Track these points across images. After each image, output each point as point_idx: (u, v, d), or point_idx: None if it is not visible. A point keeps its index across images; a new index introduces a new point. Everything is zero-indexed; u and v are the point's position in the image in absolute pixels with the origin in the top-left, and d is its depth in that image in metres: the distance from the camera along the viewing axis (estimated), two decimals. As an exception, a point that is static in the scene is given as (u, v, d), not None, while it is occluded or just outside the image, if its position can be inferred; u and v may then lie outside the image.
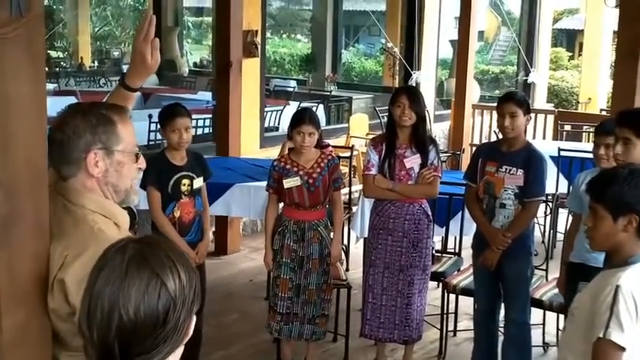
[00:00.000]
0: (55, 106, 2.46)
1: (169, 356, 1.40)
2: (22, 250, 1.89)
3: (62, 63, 15.83)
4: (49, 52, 15.59)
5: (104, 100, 2.32)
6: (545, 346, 4.99)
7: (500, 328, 4.49)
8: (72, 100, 9.17)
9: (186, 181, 4.19)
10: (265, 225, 4.49)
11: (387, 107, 4.68)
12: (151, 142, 7.80)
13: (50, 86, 11.29)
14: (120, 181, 2.03)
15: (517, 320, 4.23)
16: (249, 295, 5.92)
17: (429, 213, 4.51)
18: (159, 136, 6.34)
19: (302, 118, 4.26)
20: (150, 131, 7.72)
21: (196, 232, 4.27)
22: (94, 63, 16.57)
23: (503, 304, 4.36)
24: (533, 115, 7.34)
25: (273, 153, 6.26)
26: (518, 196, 4.10)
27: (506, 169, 4.12)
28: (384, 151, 4.41)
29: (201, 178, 4.28)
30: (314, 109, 7.46)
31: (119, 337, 1.35)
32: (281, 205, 4.47)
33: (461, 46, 9.78)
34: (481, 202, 4.24)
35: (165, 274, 1.37)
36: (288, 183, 4.28)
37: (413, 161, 4.38)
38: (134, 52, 2.24)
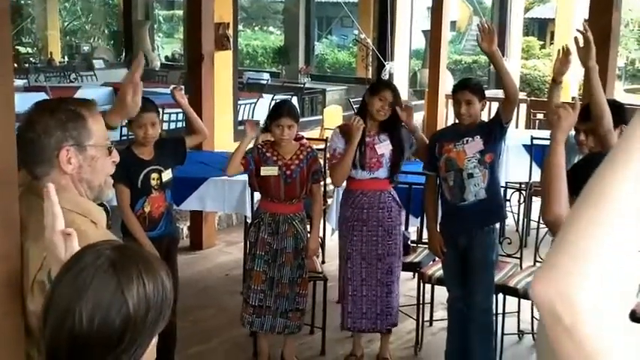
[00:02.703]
0: (26, 102, 2.42)
1: None
2: (-8, 250, 1.86)
3: (31, 59, 15.62)
4: (17, 47, 15.37)
5: None
6: (520, 333, 5.02)
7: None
8: (42, 96, 9.05)
9: (155, 175, 4.12)
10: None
11: (360, 99, 4.66)
12: (123, 137, 7.72)
13: (20, 82, 11.12)
14: (94, 177, 2.02)
15: (481, 305, 4.25)
16: (226, 289, 5.90)
17: (398, 200, 4.53)
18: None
19: (281, 111, 4.23)
20: (122, 126, 7.64)
21: (165, 225, 4.20)
22: (64, 58, 16.35)
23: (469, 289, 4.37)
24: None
25: (247, 146, 6.23)
26: (481, 162, 4.14)
27: (463, 141, 4.17)
28: None
29: (170, 170, 4.21)
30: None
31: (70, 344, 1.29)
32: (257, 195, 4.43)
33: (433, 36, 9.78)
34: (445, 182, 4.25)
35: (130, 293, 1.31)
36: (266, 171, 4.25)
37: (384, 147, 4.38)
38: (120, 90, 2.28)
